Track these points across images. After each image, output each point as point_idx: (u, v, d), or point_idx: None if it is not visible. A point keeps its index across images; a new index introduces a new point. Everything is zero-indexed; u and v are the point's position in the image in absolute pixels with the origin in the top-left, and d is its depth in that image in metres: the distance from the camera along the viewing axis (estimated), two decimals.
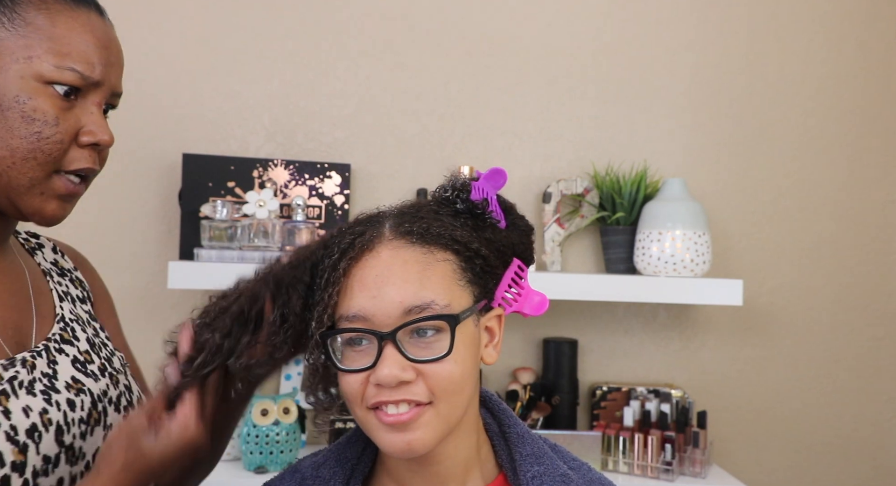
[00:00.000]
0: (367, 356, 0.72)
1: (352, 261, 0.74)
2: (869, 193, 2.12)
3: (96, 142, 0.78)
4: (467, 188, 0.79)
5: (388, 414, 0.71)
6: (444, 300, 0.72)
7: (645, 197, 1.94)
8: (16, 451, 0.72)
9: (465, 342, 0.74)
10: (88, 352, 0.87)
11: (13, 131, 0.73)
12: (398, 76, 2.01)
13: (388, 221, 0.77)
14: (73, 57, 0.75)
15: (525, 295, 0.82)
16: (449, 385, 0.72)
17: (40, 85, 0.74)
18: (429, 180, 2.00)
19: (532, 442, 0.83)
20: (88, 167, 0.79)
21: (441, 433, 0.74)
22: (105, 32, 0.80)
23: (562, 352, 1.93)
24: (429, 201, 0.81)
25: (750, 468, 2.06)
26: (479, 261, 0.77)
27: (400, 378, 0.70)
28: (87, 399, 0.82)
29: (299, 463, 0.86)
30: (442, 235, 0.75)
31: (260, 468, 1.68)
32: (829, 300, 2.10)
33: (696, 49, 2.08)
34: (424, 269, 0.73)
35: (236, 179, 1.86)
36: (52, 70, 0.74)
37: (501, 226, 0.82)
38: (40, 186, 0.76)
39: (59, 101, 0.75)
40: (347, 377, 0.73)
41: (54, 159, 0.76)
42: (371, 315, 0.72)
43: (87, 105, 0.78)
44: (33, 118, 0.74)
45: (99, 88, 0.78)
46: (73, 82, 0.75)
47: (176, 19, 1.94)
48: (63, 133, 0.76)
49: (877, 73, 2.12)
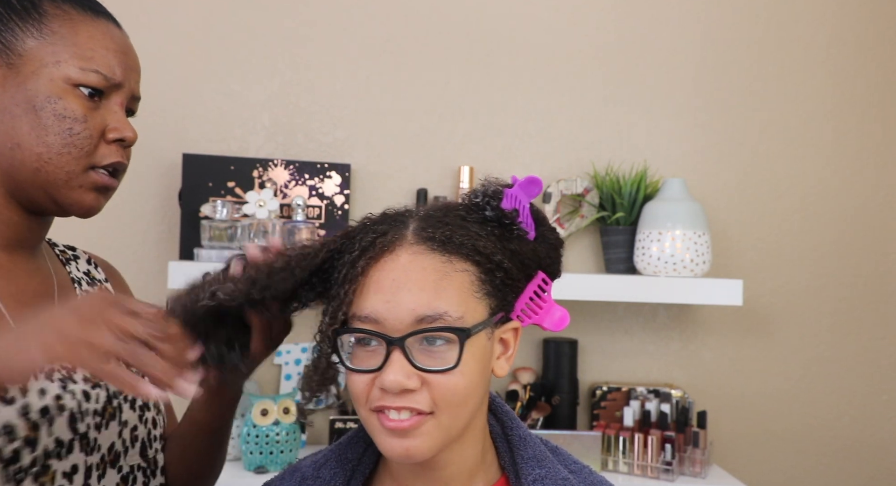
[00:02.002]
0: (376, 358, 0.72)
1: (371, 260, 0.73)
2: (869, 194, 2.12)
3: (122, 137, 0.86)
4: (499, 195, 0.77)
5: (390, 419, 0.71)
6: (457, 312, 0.71)
7: (645, 197, 1.94)
8: (28, 427, 0.77)
9: (474, 355, 0.73)
10: None
11: (48, 129, 0.81)
12: (398, 76, 2.01)
13: (412, 223, 0.75)
14: (95, 61, 0.83)
15: (546, 309, 0.80)
16: (452, 398, 0.71)
17: (68, 87, 0.82)
18: (429, 180, 2.00)
19: (533, 445, 0.83)
20: (118, 161, 0.86)
21: (441, 442, 0.73)
22: (123, 41, 0.88)
23: (562, 352, 1.93)
24: (458, 205, 0.79)
25: (750, 468, 2.06)
26: (500, 274, 0.75)
27: (404, 385, 0.70)
28: (103, 394, 0.87)
29: (299, 463, 0.86)
30: (464, 244, 0.74)
31: (260, 468, 1.68)
32: (829, 300, 2.10)
33: (696, 49, 2.08)
34: (441, 278, 0.72)
35: (236, 179, 1.86)
36: (78, 73, 0.82)
37: (530, 237, 0.79)
38: (77, 180, 0.84)
39: (85, 101, 0.83)
40: (354, 377, 0.73)
41: (86, 154, 0.83)
42: (383, 319, 0.71)
43: (111, 105, 0.86)
44: (64, 116, 0.81)
45: (120, 89, 0.86)
46: (97, 83, 0.83)
47: (176, 19, 1.94)
48: (91, 129, 0.83)
49: (877, 74, 2.12)
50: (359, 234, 0.76)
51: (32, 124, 0.81)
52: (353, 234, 0.76)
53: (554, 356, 1.93)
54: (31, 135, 0.81)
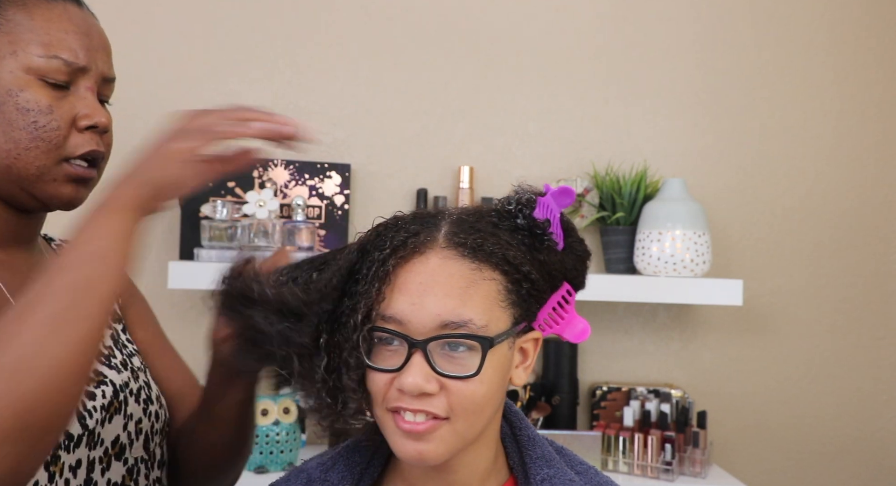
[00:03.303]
0: (397, 358, 0.71)
1: (401, 260, 0.73)
2: (869, 194, 2.12)
3: (94, 124, 0.81)
4: (532, 204, 0.77)
5: (406, 421, 0.71)
6: (482, 321, 0.71)
7: (645, 197, 1.94)
8: None
9: (494, 364, 0.73)
10: (111, 347, 0.91)
11: (12, 124, 0.77)
12: (398, 76, 2.01)
13: (444, 226, 0.75)
14: (54, 46, 0.78)
15: (568, 320, 0.79)
16: (470, 405, 0.71)
17: (30, 77, 0.78)
18: (429, 180, 2.00)
19: (541, 446, 0.83)
20: (93, 149, 0.82)
21: (455, 447, 0.73)
22: (84, 20, 0.83)
23: (562, 352, 1.93)
24: (490, 210, 0.78)
25: (750, 468, 2.06)
26: (527, 284, 0.75)
27: (423, 388, 0.70)
28: (109, 390, 0.86)
29: (305, 465, 0.86)
30: (494, 253, 0.73)
31: (260, 468, 1.68)
32: (829, 300, 2.10)
33: (696, 49, 2.08)
34: (469, 285, 0.72)
35: (236, 179, 1.86)
36: (37, 60, 0.78)
37: (559, 248, 0.79)
38: (50, 174, 0.80)
39: (50, 90, 0.78)
40: (373, 375, 0.73)
41: (56, 146, 0.79)
42: (407, 320, 0.71)
43: (80, 91, 0.81)
44: (27, 109, 0.77)
45: (87, 73, 0.82)
46: (60, 69, 0.79)
47: (176, 19, 1.94)
48: (59, 120, 0.79)
49: (877, 73, 2.12)
50: (390, 232, 0.75)
51: None
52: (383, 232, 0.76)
53: (554, 356, 1.93)
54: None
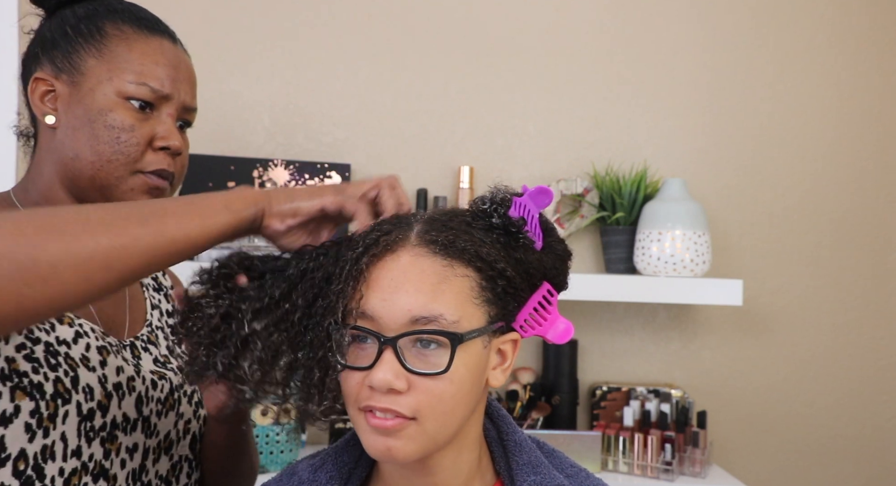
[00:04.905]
0: (369, 356, 0.71)
1: (373, 258, 0.73)
2: (869, 194, 2.12)
3: (167, 145, 0.92)
4: (507, 203, 0.76)
5: (375, 417, 0.71)
6: (453, 316, 0.71)
7: (645, 197, 1.94)
8: (102, 394, 0.86)
9: (467, 363, 0.72)
10: (167, 357, 1.02)
11: (98, 138, 0.88)
12: (398, 76, 2.01)
13: (417, 225, 0.75)
14: (145, 75, 0.91)
15: (550, 321, 0.78)
16: (438, 404, 0.71)
17: (120, 100, 0.89)
18: (429, 180, 2.00)
19: (529, 451, 0.82)
20: (163, 168, 0.93)
21: (425, 447, 0.72)
22: (175, 55, 0.97)
23: (562, 352, 1.93)
24: (465, 211, 0.78)
25: (750, 468, 2.06)
26: (502, 282, 0.74)
27: (391, 385, 0.69)
28: (167, 385, 0.97)
29: (297, 465, 0.86)
30: (467, 249, 0.73)
31: (259, 467, 1.68)
32: (829, 300, 2.10)
33: (697, 49, 2.08)
34: (441, 281, 0.71)
35: (236, 179, 1.86)
36: (128, 86, 0.90)
37: (537, 247, 0.78)
38: (128, 184, 0.91)
39: (135, 112, 0.90)
40: (347, 375, 0.73)
41: (133, 160, 0.90)
42: (379, 317, 0.71)
43: (161, 116, 0.93)
44: (113, 126, 0.89)
45: (170, 100, 0.93)
46: (146, 95, 0.91)
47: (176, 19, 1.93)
48: (139, 137, 0.90)
49: (877, 74, 2.12)
50: (363, 232, 0.76)
51: (88, 136, 0.88)
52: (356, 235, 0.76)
53: (554, 356, 1.93)
54: (87, 146, 0.88)
